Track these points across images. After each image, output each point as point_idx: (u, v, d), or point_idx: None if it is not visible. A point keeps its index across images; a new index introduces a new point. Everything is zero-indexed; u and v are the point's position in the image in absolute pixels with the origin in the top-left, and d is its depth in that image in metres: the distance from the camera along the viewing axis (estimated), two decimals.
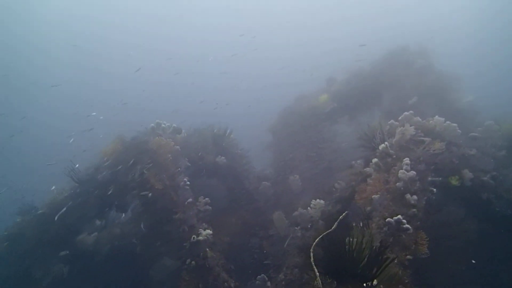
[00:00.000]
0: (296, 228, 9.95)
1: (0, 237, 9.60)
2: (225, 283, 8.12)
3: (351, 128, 13.63)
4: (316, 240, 4.73)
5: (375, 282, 4.26)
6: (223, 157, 11.24)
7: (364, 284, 4.22)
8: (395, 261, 4.48)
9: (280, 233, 10.78)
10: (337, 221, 5.66)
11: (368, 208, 6.43)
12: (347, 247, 4.23)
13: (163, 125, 10.16)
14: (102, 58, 47.38)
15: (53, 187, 9.69)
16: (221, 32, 44.07)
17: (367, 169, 7.35)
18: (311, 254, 4.43)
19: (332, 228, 5.36)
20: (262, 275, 9.34)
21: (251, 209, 11.45)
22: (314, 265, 4.28)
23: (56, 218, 8.88)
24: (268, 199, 11.88)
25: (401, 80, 11.74)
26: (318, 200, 9.43)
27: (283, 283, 8.89)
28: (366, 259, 4.17)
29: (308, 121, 13.36)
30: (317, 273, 4.14)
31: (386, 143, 7.04)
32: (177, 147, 9.77)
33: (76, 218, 9.54)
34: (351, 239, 4.31)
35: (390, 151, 6.97)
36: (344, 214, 6.07)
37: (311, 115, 13.37)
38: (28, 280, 9.06)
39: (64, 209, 9.03)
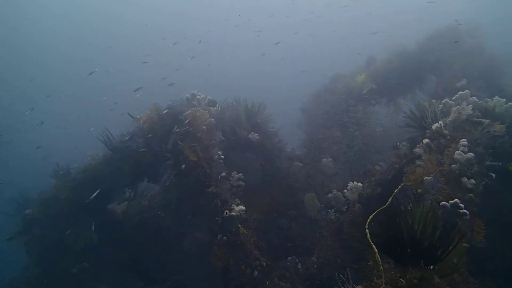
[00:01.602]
0: (329, 210, 9.64)
1: (35, 199, 9.71)
2: (257, 261, 7.90)
3: (389, 111, 13.09)
4: (371, 216, 4.37)
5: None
6: (256, 134, 10.92)
7: (426, 267, 3.86)
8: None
9: (311, 215, 10.50)
10: (393, 194, 5.27)
11: (419, 190, 5.99)
12: (409, 223, 3.86)
13: (198, 97, 9.89)
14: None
15: (88, 152, 9.63)
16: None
17: (417, 149, 6.88)
18: (367, 231, 4.08)
19: (388, 202, 4.97)
20: (293, 256, 9.11)
21: (282, 189, 11.15)
22: (371, 242, 3.92)
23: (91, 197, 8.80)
24: (300, 180, 11.54)
25: (448, 60, 11.03)
26: (355, 182, 9.05)
27: (315, 266, 8.64)
28: (430, 238, 3.80)
29: (344, 102, 12.86)
30: (376, 250, 3.80)
31: (440, 122, 6.54)
32: (212, 119, 9.52)
33: (108, 186, 9.49)
34: (413, 216, 3.94)
35: (445, 131, 6.47)
36: (400, 186, 5.64)
37: (347, 96, 12.85)
38: (61, 244, 9.14)
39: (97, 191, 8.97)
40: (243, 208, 8.45)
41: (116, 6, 47.82)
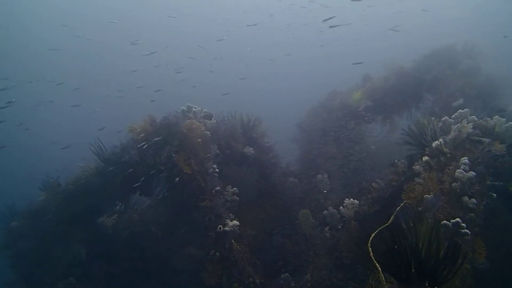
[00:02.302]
0: (324, 228, 9.46)
1: (22, 211, 9.39)
2: (250, 278, 7.66)
3: (385, 129, 13.08)
4: (374, 234, 4.21)
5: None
6: (252, 148, 10.79)
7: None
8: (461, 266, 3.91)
9: (305, 232, 10.30)
10: (395, 212, 5.12)
11: (419, 208, 5.87)
12: (414, 241, 3.72)
13: (194, 109, 9.76)
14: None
15: (79, 164, 9.39)
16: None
17: (416, 167, 6.79)
18: (370, 249, 3.92)
19: (390, 220, 4.83)
20: (286, 274, 8.88)
21: (277, 205, 10.97)
22: (375, 260, 3.76)
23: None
24: (295, 196, 11.38)
25: (446, 80, 11.08)
26: (351, 199, 8.92)
27: (309, 284, 8.43)
28: (435, 257, 3.65)
29: (339, 119, 12.82)
30: (379, 268, 3.63)
31: (440, 140, 6.47)
32: (207, 132, 9.37)
33: (99, 198, 9.24)
34: (418, 234, 3.80)
35: (445, 149, 6.40)
36: (402, 204, 5.51)
37: (343, 113, 12.82)
38: (48, 258, 8.82)
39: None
40: (237, 223, 8.26)
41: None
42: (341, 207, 9.02)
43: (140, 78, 31.16)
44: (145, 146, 8.69)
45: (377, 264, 3.72)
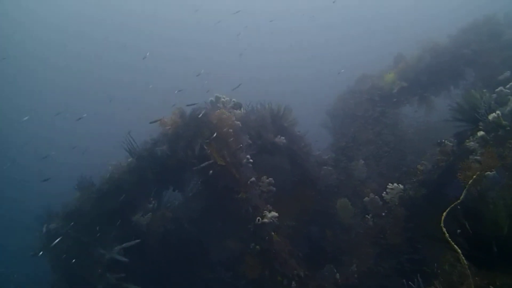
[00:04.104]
0: (366, 216, 9.02)
1: (59, 213, 9.34)
2: (294, 270, 7.31)
3: (421, 110, 12.42)
4: (445, 213, 3.76)
5: None
6: (283, 137, 10.42)
7: None
8: None
9: (344, 221, 9.88)
10: (466, 187, 4.64)
11: (479, 188, 5.35)
12: (494, 219, 3.27)
13: (223, 99, 9.47)
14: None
15: (110, 162, 9.26)
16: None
17: (469, 144, 6.24)
18: (444, 229, 3.48)
19: (461, 197, 4.34)
20: (330, 265, 8.48)
21: (312, 195, 10.57)
22: (451, 242, 3.33)
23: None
24: (330, 185, 10.94)
25: (487, 53, 10.35)
26: (395, 184, 8.43)
27: (356, 275, 8.02)
28: None
29: (372, 103, 12.27)
30: (459, 251, 3.20)
31: (497, 112, 5.91)
32: (238, 122, 9.06)
33: (133, 196, 9.08)
34: (497, 210, 3.34)
35: (503, 121, 5.84)
36: (476, 176, 4.97)
37: (375, 96, 12.26)
38: (87, 258, 8.72)
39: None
40: (276, 214, 7.92)
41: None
42: (383, 193, 8.58)
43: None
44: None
45: (455, 246, 3.28)
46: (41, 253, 8.90)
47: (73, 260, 8.85)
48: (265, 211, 7.92)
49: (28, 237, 9.53)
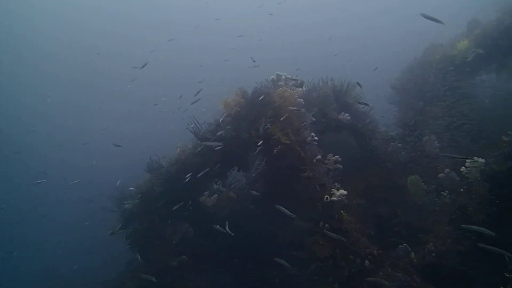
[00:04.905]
0: (443, 193, 8.44)
1: (132, 194, 9.85)
2: (367, 249, 7.04)
3: (501, 78, 11.29)
4: None
5: None
6: (347, 114, 10.04)
7: None
8: None
9: (415, 199, 9.35)
10: None
11: None
12: None
13: (284, 77, 9.28)
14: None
15: (177, 144, 9.53)
16: None
17: None
18: None
19: None
20: (404, 244, 8.07)
21: (379, 173, 10.11)
22: None
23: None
24: (398, 162, 10.38)
25: None
26: (475, 158, 7.76)
27: (433, 254, 7.54)
28: None
29: (443, 73, 11.37)
30: None
31: None
32: (301, 100, 8.84)
33: (198, 177, 9.28)
34: None
35: None
36: None
37: (446, 66, 11.34)
38: (160, 237, 9.13)
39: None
40: (345, 192, 7.66)
41: None
42: (462, 168, 7.93)
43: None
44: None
45: None
46: (118, 231, 9.48)
47: (146, 239, 9.33)
48: (333, 189, 7.69)
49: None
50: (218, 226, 8.07)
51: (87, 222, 17.92)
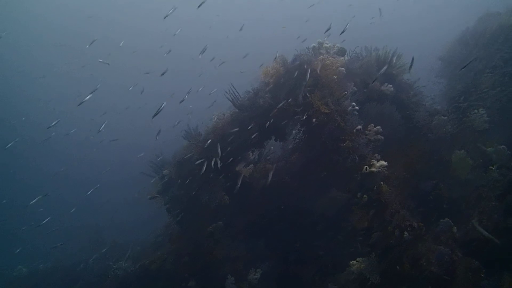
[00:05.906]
0: (491, 167, 8.01)
1: (170, 161, 10.09)
2: (407, 221, 6.84)
3: None
4: None
5: None
6: (390, 85, 9.62)
7: None
8: None
9: (460, 175, 8.95)
10: None
11: None
12: None
13: (326, 45, 8.97)
14: None
15: (215, 112, 9.57)
16: None
17: None
18: None
19: None
20: (447, 219, 7.79)
21: (423, 147, 9.70)
22: None
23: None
24: (443, 136, 9.91)
25: None
26: None
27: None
28: None
29: (499, 44, 10.56)
30: None
31: None
32: (342, 68, 8.54)
33: (236, 146, 9.30)
34: None
35: None
36: None
37: (503, 36, 10.51)
38: (196, 203, 9.33)
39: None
40: (385, 163, 7.41)
41: None
42: None
43: None
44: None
45: None
46: (157, 196, 9.79)
47: (184, 205, 9.57)
48: (373, 160, 7.46)
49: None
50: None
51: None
